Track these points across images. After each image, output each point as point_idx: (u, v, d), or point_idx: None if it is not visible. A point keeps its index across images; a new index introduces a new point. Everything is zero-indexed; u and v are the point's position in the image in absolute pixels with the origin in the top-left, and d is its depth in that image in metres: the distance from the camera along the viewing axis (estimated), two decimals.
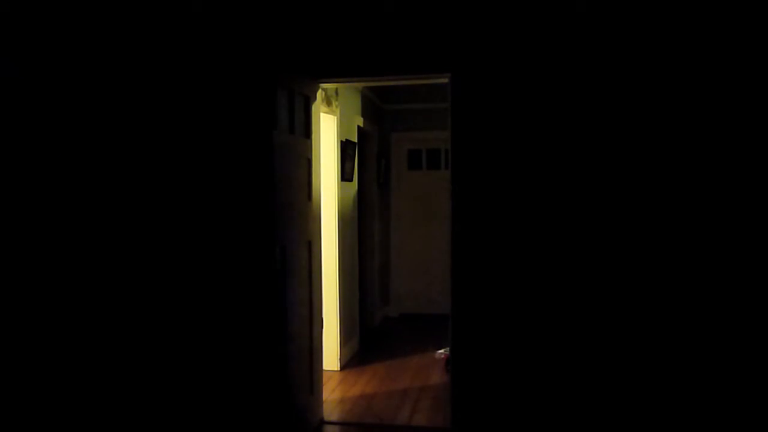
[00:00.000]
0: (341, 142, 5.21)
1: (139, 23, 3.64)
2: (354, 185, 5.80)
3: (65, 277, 3.64)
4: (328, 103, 4.89)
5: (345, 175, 5.41)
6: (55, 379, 3.63)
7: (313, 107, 3.91)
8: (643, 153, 3.27)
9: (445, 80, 3.57)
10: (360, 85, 5.60)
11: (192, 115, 3.60)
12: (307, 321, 3.80)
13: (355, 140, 5.73)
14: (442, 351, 5.21)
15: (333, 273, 5.09)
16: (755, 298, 3.17)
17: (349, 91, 5.52)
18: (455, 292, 3.51)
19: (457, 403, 3.52)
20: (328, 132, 5.00)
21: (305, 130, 3.80)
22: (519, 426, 3.43)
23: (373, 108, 6.71)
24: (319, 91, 3.98)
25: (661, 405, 3.27)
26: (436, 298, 7.10)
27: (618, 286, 3.30)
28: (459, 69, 3.48)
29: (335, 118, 5.07)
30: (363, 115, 6.07)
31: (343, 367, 5.21)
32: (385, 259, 7.33)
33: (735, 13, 3.16)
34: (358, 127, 5.93)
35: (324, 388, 4.26)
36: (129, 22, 3.64)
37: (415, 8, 3.50)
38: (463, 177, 3.48)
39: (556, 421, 3.38)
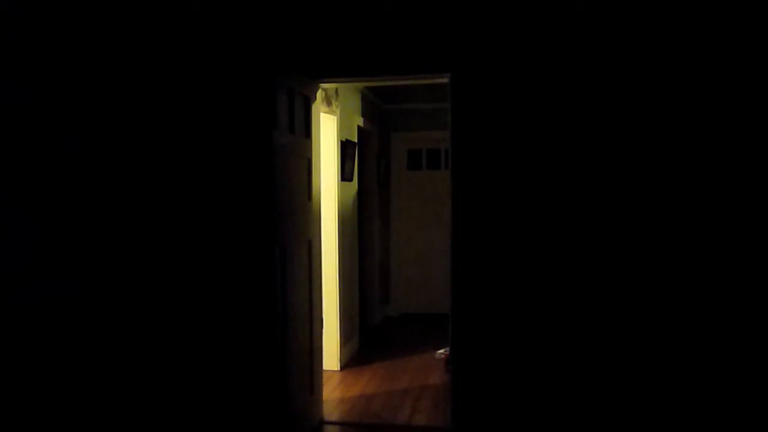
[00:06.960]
0: (341, 142, 5.21)
1: (139, 23, 3.64)
2: (354, 185, 5.80)
3: (65, 278, 3.64)
4: (328, 103, 4.89)
5: (345, 175, 5.41)
6: (51, 379, 3.63)
7: (313, 107, 3.91)
8: (643, 150, 3.27)
9: (445, 80, 3.57)
10: (360, 85, 5.60)
11: (192, 114, 3.60)
12: (307, 321, 3.80)
13: (355, 140, 5.73)
14: (442, 351, 5.21)
15: (333, 273, 5.09)
16: (754, 297, 3.17)
17: (349, 91, 5.52)
18: (455, 292, 3.51)
19: (457, 403, 3.52)
20: (328, 132, 5.00)
21: (305, 130, 3.80)
22: (519, 426, 3.43)
23: (373, 108, 6.71)
24: (319, 91, 3.99)
25: (661, 404, 3.27)
26: (436, 298, 7.08)
27: (617, 286, 3.31)
28: (459, 69, 3.48)
29: (335, 118, 5.07)
30: (363, 115, 6.07)
31: (343, 367, 5.21)
32: (385, 259, 7.33)
33: (734, 14, 3.16)
34: (358, 127, 5.93)
35: (324, 388, 4.26)
36: (129, 21, 3.64)
37: (415, 8, 3.50)
38: (463, 177, 3.48)
39: (556, 421, 3.38)
